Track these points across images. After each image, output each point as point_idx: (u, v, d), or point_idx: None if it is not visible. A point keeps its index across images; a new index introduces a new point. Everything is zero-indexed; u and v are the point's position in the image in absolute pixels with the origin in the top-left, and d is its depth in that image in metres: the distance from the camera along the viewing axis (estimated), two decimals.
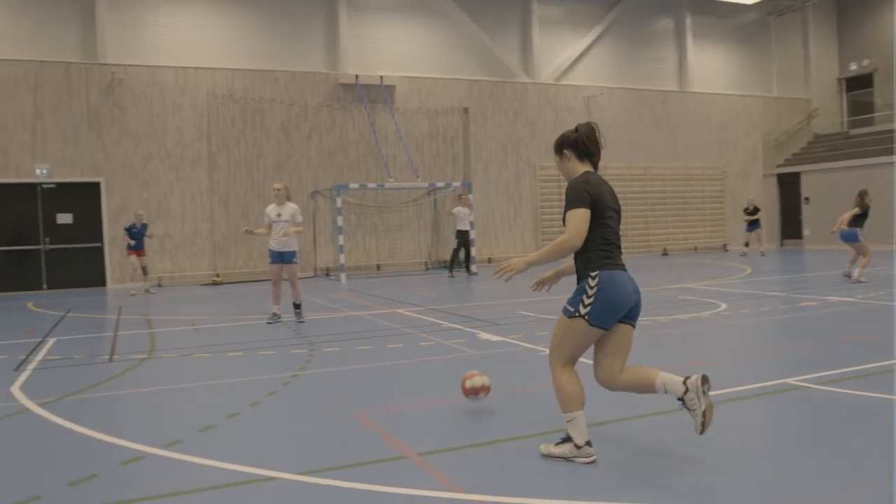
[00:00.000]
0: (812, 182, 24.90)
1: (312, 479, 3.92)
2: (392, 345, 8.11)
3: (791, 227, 25.92)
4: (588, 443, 4.01)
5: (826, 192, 23.83)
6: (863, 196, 13.01)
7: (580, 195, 4.00)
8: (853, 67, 27.29)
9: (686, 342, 7.98)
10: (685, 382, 3.90)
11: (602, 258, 4.00)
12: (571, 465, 3.98)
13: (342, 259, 18.07)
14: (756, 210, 21.50)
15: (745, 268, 17.16)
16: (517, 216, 22.36)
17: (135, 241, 15.94)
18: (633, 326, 4.18)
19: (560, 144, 4.25)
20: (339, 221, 18.07)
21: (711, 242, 25.31)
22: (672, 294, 12.18)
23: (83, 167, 17.92)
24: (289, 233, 9.94)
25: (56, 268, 17.96)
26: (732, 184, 25.87)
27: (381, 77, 20.39)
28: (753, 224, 21.52)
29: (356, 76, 20.10)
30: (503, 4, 22.47)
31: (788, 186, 25.90)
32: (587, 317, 3.96)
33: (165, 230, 18.54)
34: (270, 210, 10.18)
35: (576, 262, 4.14)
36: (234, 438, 4.78)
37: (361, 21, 20.69)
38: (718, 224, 25.52)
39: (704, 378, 3.90)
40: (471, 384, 5.17)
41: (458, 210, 18.22)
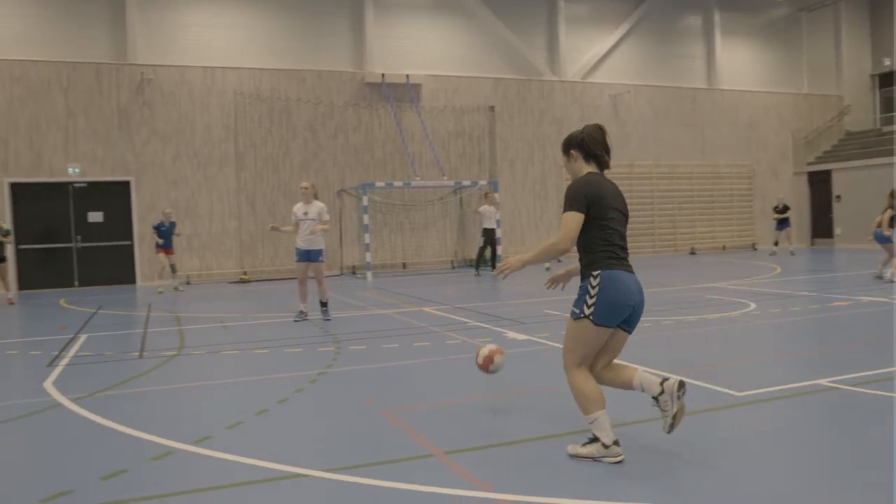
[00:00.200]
0: (843, 180, 24.50)
1: (340, 477, 3.93)
2: (419, 343, 8.11)
3: (822, 226, 25.53)
4: (616, 442, 3.99)
5: (858, 191, 23.45)
6: (893, 196, 12.79)
7: (575, 197, 4.03)
8: (886, 63, 26.79)
9: (715, 342, 7.89)
10: (662, 384, 3.99)
11: (604, 259, 4.02)
12: (599, 466, 3.96)
13: (368, 257, 18.14)
14: (786, 208, 21.22)
15: (775, 267, 16.94)
16: (543, 215, 22.27)
17: (163, 240, 16.14)
18: (629, 332, 4.20)
19: (567, 144, 4.28)
20: (366, 220, 18.14)
21: (740, 241, 25.02)
22: (700, 293, 12.06)
23: (113, 166, 18.17)
24: (315, 231, 9.98)
25: (87, 265, 18.24)
26: (761, 182, 25.55)
27: (408, 76, 20.41)
28: (783, 223, 21.23)
29: (382, 75, 20.15)
30: (529, 2, 22.38)
31: (819, 184, 25.52)
32: (591, 317, 3.99)
33: (193, 229, 18.73)
34: (297, 209, 10.24)
35: (580, 263, 4.18)
36: (262, 435, 4.81)
37: (388, 20, 20.74)
38: (747, 223, 25.23)
39: (681, 383, 3.98)
40: (483, 357, 5.29)
41: (485, 208, 18.19)
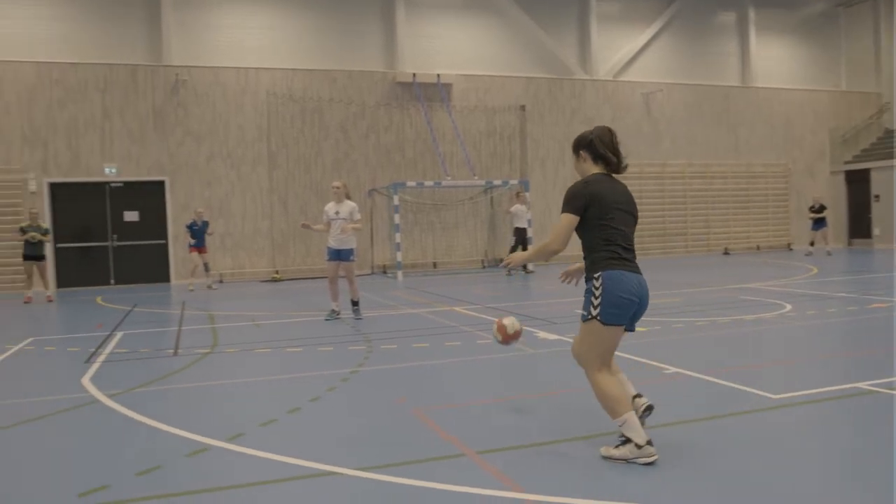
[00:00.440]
0: (882, 179, 23.99)
1: (372, 475, 3.94)
2: (449, 342, 8.11)
3: (859, 226, 25.05)
4: (649, 442, 3.95)
5: None
6: None
7: (571, 199, 4.09)
8: None
9: (750, 343, 7.78)
10: (633, 399, 4.23)
11: (605, 259, 4.05)
12: (630, 467, 3.92)
13: (399, 257, 18.19)
14: (822, 208, 20.83)
15: (811, 268, 16.65)
16: None
17: (195, 239, 16.37)
18: (630, 331, 4.25)
19: (577, 145, 4.34)
20: (397, 219, 18.19)
21: (775, 241, 24.64)
22: (733, 294, 11.90)
23: (149, 166, 18.44)
24: (346, 229, 10.04)
25: (123, 264, 18.54)
26: (797, 181, 25.13)
27: (439, 75, 20.43)
28: (819, 222, 20.86)
29: (413, 75, 20.19)
30: (561, 1, 22.27)
31: (857, 184, 25.03)
32: (599, 318, 4.03)
33: (226, 228, 18.94)
34: (329, 208, 10.30)
35: (584, 263, 4.24)
36: (295, 433, 4.84)
37: (419, 20, 20.78)
38: (782, 223, 24.84)
39: (650, 407, 4.24)
40: (511, 330, 5.12)
41: (516, 208, 18.15)
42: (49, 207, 17.75)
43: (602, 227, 4.06)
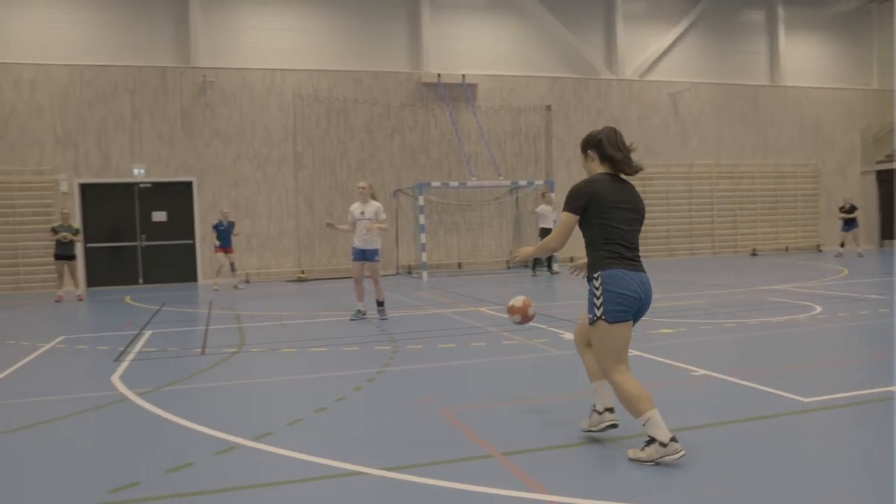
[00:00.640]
0: None
1: (398, 476, 3.95)
2: (475, 343, 8.11)
3: (892, 227, 24.61)
4: (673, 438, 3.92)
5: None
6: None
7: (572, 199, 4.18)
8: None
9: (779, 345, 7.68)
10: (608, 410, 4.31)
11: (604, 258, 4.10)
12: (657, 470, 3.88)
13: (424, 257, 18.21)
14: (853, 208, 20.52)
15: (842, 269, 16.40)
16: None
17: (221, 239, 16.53)
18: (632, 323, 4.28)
19: (585, 145, 4.36)
20: (422, 220, 18.22)
21: (804, 242, 24.31)
22: (762, 296, 11.75)
23: (177, 167, 18.65)
24: (371, 228, 10.07)
25: (151, 264, 18.77)
26: (827, 181, 24.78)
27: (464, 76, 20.42)
28: (850, 223, 20.54)
29: (438, 75, 20.20)
30: (586, 0, 22.16)
31: (889, 184, 24.57)
32: (604, 317, 4.08)
33: (252, 228, 19.10)
34: (354, 208, 10.34)
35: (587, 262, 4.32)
36: (322, 432, 4.86)
37: (444, 20, 20.79)
38: (811, 223, 24.50)
39: (614, 426, 4.31)
40: (518, 317, 4.92)
41: (542, 208, 18.08)
42: (80, 208, 18.03)
43: (602, 226, 4.11)
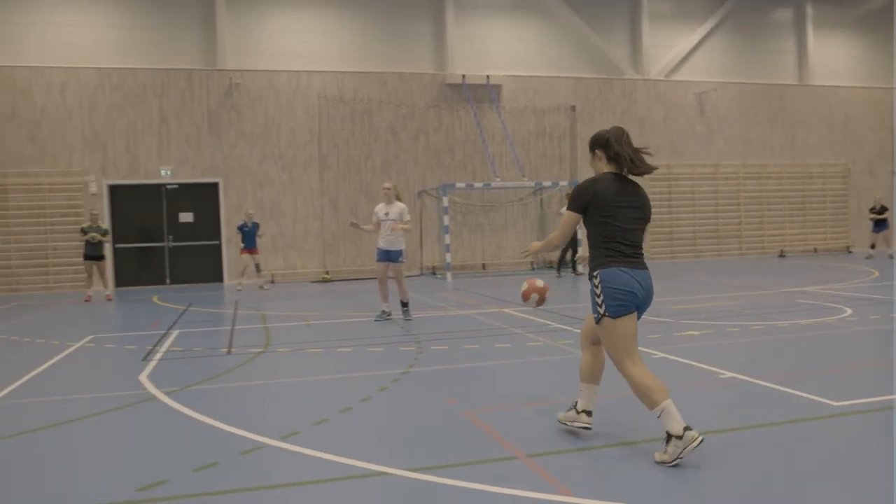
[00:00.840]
0: None
1: (423, 476, 3.95)
2: (500, 344, 8.09)
3: None
4: (687, 427, 3.92)
5: None
6: None
7: (574, 197, 4.31)
8: None
9: (809, 348, 7.57)
10: (586, 412, 4.50)
11: (602, 256, 4.21)
12: (683, 473, 3.85)
13: (448, 258, 18.21)
14: (884, 209, 20.19)
15: (872, 271, 16.15)
16: None
17: (245, 241, 16.66)
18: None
19: (593, 144, 4.43)
20: (446, 221, 18.22)
21: (833, 244, 23.96)
22: (790, 298, 11.61)
23: (203, 168, 18.83)
24: (395, 228, 10.10)
25: (178, 264, 18.97)
26: (857, 182, 24.40)
27: (488, 76, 20.40)
28: (880, 224, 20.21)
29: (463, 76, 20.20)
30: (611, 0, 22.04)
31: None
32: (607, 313, 4.17)
33: (278, 229, 19.23)
34: (379, 209, 10.37)
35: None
36: (347, 433, 4.88)
37: (468, 21, 20.79)
38: (841, 224, 24.14)
39: (587, 428, 4.48)
40: (529, 293, 5.03)
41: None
42: (108, 209, 18.27)
43: (603, 225, 4.20)
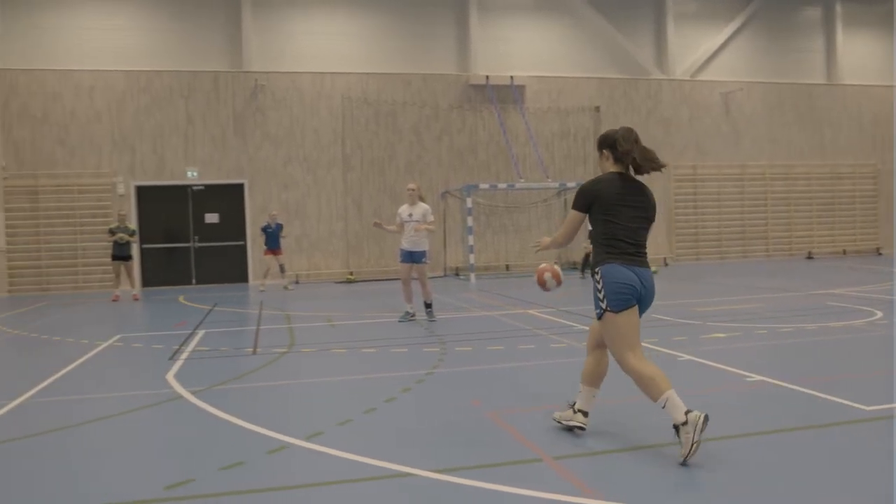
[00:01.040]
0: None
1: (447, 478, 3.94)
2: (524, 346, 8.06)
3: None
4: (688, 411, 3.97)
5: None
6: None
7: (578, 196, 4.40)
8: None
9: (839, 351, 7.46)
10: (582, 413, 4.58)
11: (604, 254, 4.33)
12: (710, 476, 3.80)
13: (472, 259, 18.20)
14: None
15: None
16: None
17: (268, 242, 16.78)
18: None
19: (601, 144, 4.49)
20: (469, 221, 18.21)
21: (863, 245, 23.60)
22: (819, 300, 11.44)
23: (228, 170, 18.99)
24: (419, 228, 10.10)
25: (203, 264, 19.14)
26: (887, 182, 24.01)
27: (512, 77, 20.36)
28: None
29: (486, 77, 20.18)
30: (636, 0, 21.91)
31: None
32: (609, 308, 4.27)
33: (302, 230, 19.34)
34: (402, 210, 10.39)
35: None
36: (371, 433, 4.88)
37: (492, 22, 20.76)
38: (871, 226, 23.78)
39: (582, 428, 4.54)
40: (545, 277, 4.98)
41: None
42: (135, 209, 18.48)
43: (605, 223, 4.31)
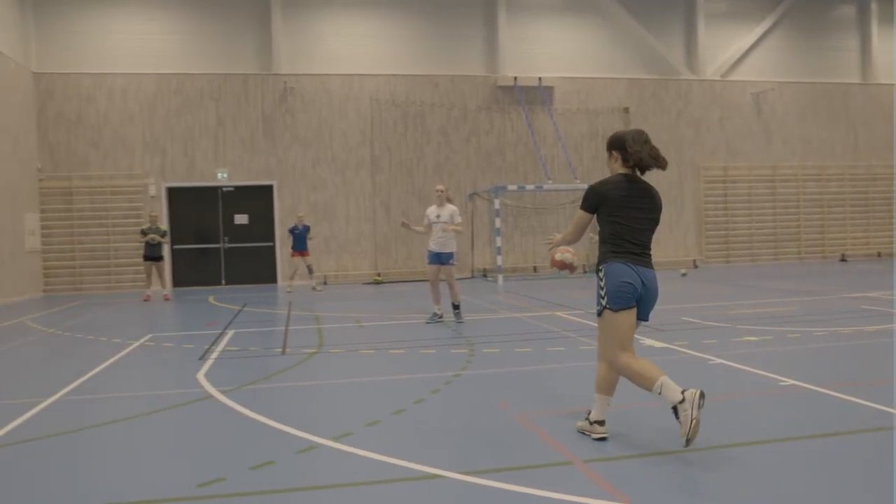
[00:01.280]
0: None
1: (476, 480, 3.93)
2: (552, 348, 8.03)
3: None
4: (683, 391, 4.04)
5: None
6: None
7: (586, 197, 4.50)
8: None
9: (874, 356, 7.32)
10: (598, 423, 4.55)
11: (608, 252, 4.40)
12: (745, 481, 3.75)
13: (499, 260, 18.16)
14: None
15: None
16: (679, 218, 21.54)
17: (295, 243, 16.91)
18: (643, 319, 4.48)
19: (610, 145, 4.53)
20: (497, 223, 18.18)
21: None
22: (853, 303, 11.25)
23: (258, 171, 19.17)
24: (448, 229, 10.11)
25: (233, 265, 19.34)
26: None
27: (540, 78, 20.31)
28: None
29: (515, 78, 20.14)
30: (666, 0, 21.73)
31: None
32: (608, 305, 4.36)
33: (331, 231, 19.45)
34: (430, 211, 10.40)
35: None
36: (400, 434, 4.89)
37: (520, 22, 20.72)
38: None
39: (604, 438, 4.51)
40: (560, 257, 4.89)
41: None
42: (167, 210, 18.73)
43: (611, 223, 4.39)
